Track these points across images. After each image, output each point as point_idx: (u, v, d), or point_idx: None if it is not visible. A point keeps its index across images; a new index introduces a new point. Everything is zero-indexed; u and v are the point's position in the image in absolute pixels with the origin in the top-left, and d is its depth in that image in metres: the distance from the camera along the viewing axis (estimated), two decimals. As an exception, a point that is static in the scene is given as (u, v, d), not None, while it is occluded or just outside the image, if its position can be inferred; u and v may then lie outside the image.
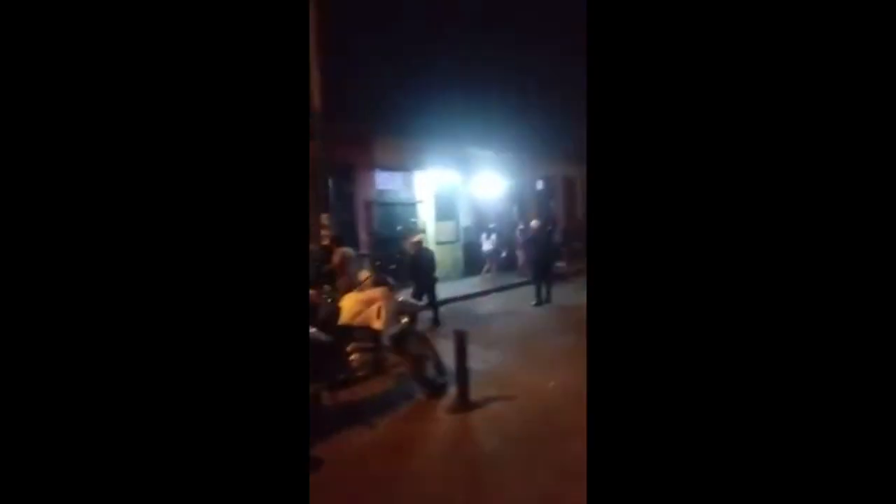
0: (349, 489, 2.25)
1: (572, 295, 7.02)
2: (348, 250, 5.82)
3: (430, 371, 3.40)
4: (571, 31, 7.43)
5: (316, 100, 6.40)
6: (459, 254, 9.91)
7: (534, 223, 7.64)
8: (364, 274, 3.56)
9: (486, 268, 9.35)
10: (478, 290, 8.14)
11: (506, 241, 9.83)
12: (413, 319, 3.48)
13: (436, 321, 5.70)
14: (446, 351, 3.41)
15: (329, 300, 3.36)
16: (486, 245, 9.33)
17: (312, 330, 2.90)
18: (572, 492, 1.93)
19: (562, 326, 5.27)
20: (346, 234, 6.75)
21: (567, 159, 11.69)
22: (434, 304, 5.85)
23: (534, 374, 3.75)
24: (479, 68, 9.34)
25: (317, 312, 3.61)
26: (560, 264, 8.95)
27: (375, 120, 8.00)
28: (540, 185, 11.96)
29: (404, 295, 4.13)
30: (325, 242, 6.24)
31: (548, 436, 2.67)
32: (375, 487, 2.26)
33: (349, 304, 3.19)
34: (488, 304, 7.18)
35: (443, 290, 6.52)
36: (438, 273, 6.22)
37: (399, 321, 3.38)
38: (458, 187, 9.98)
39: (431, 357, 3.43)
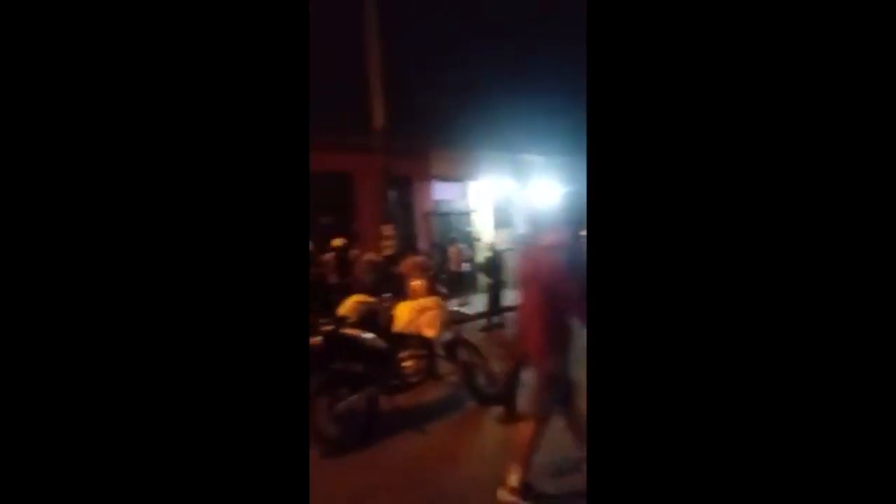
0: (401, 494, 2.39)
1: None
2: (418, 258, 6.08)
3: (481, 380, 3.47)
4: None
5: (377, 116, 6.77)
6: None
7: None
8: (418, 283, 3.73)
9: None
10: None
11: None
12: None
13: (499, 325, 5.80)
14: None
15: (388, 308, 3.56)
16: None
17: (371, 336, 3.11)
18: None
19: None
20: (405, 245, 7.03)
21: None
22: (498, 310, 5.95)
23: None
24: (532, 76, 9.32)
25: (376, 320, 3.84)
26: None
27: (432, 133, 8.27)
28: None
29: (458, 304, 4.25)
30: (389, 252, 6.55)
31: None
32: (426, 493, 2.38)
33: (403, 312, 3.36)
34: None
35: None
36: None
37: (451, 330, 3.50)
38: (514, 195, 9.97)
39: (481, 366, 3.50)
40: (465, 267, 7.91)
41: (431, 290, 3.59)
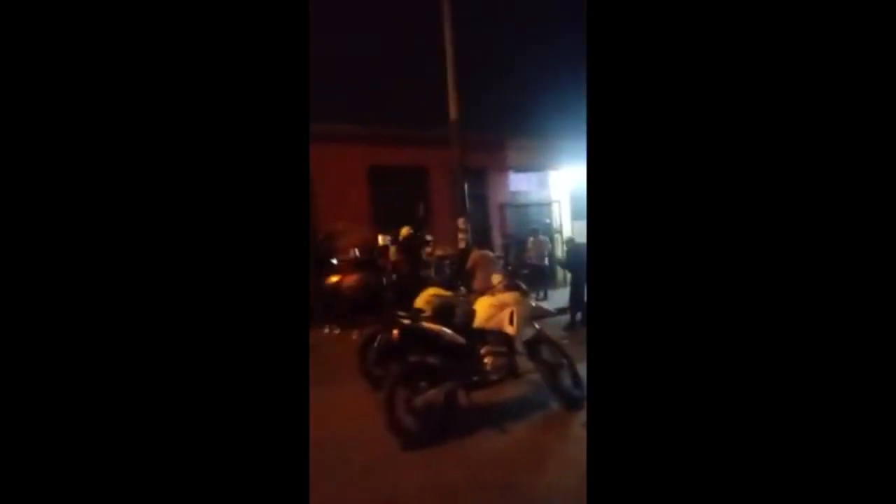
0: (480, 494, 2.29)
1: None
2: (485, 252, 5.96)
3: (566, 381, 3.25)
4: None
5: (451, 109, 6.71)
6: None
7: None
8: (497, 278, 3.59)
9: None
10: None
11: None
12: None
13: (584, 323, 5.44)
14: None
15: (466, 303, 3.48)
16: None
17: (448, 331, 3.05)
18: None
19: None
20: (480, 238, 6.92)
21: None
22: (581, 306, 5.60)
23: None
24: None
25: (454, 314, 3.78)
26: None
27: (508, 123, 8.03)
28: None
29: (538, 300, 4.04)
30: (462, 245, 6.52)
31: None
32: (511, 496, 2.25)
33: (483, 308, 3.25)
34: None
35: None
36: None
37: (532, 326, 3.32)
38: (596, 185, 9.35)
39: (567, 367, 3.28)
40: (544, 260, 7.57)
41: (510, 286, 3.42)
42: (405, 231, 6.29)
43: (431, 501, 2.24)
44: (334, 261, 6.02)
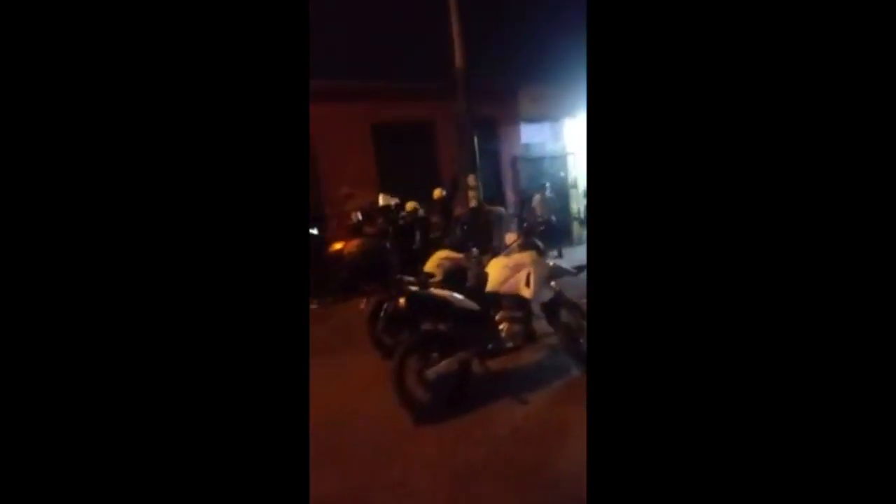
0: (499, 474, 2.11)
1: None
2: (500, 210, 5.64)
3: (586, 345, 3.02)
4: None
5: (458, 56, 6.17)
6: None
7: None
8: (511, 237, 3.29)
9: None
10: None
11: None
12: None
13: None
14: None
15: (478, 265, 3.22)
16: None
17: (460, 297, 2.81)
18: None
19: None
20: (491, 195, 6.56)
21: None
22: None
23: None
24: None
25: (465, 278, 3.54)
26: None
27: (519, 70, 7.42)
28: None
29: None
30: (473, 204, 6.20)
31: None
32: (532, 474, 2.07)
33: (496, 270, 2.99)
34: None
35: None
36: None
37: (550, 288, 3.05)
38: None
39: (588, 330, 3.03)
40: (551, 217, 7.20)
41: (526, 244, 3.13)
42: (438, 193, 6.05)
43: (445, 482, 2.08)
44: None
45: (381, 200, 5.98)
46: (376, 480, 2.13)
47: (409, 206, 5.87)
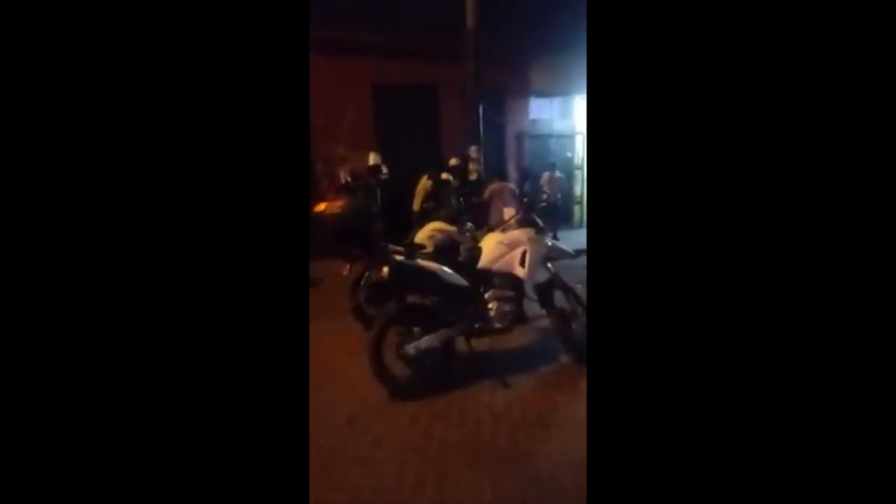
0: (471, 461, 1.97)
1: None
2: (505, 184, 5.38)
3: (578, 331, 2.87)
4: None
5: (469, 15, 5.78)
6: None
7: None
8: (510, 212, 3.08)
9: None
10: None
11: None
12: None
13: None
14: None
15: (472, 239, 3.02)
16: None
17: (449, 271, 2.62)
18: None
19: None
20: (493, 171, 6.29)
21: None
22: None
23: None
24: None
25: (457, 252, 3.34)
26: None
27: (533, 36, 7.01)
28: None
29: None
30: (473, 177, 5.95)
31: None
32: (504, 459, 1.94)
33: (490, 246, 2.79)
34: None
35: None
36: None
37: (546, 269, 2.87)
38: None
39: (581, 315, 2.87)
40: (557, 197, 6.98)
41: (525, 220, 2.92)
42: (454, 161, 5.81)
43: (414, 463, 1.94)
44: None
45: (372, 159, 5.68)
46: (342, 454, 2.00)
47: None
